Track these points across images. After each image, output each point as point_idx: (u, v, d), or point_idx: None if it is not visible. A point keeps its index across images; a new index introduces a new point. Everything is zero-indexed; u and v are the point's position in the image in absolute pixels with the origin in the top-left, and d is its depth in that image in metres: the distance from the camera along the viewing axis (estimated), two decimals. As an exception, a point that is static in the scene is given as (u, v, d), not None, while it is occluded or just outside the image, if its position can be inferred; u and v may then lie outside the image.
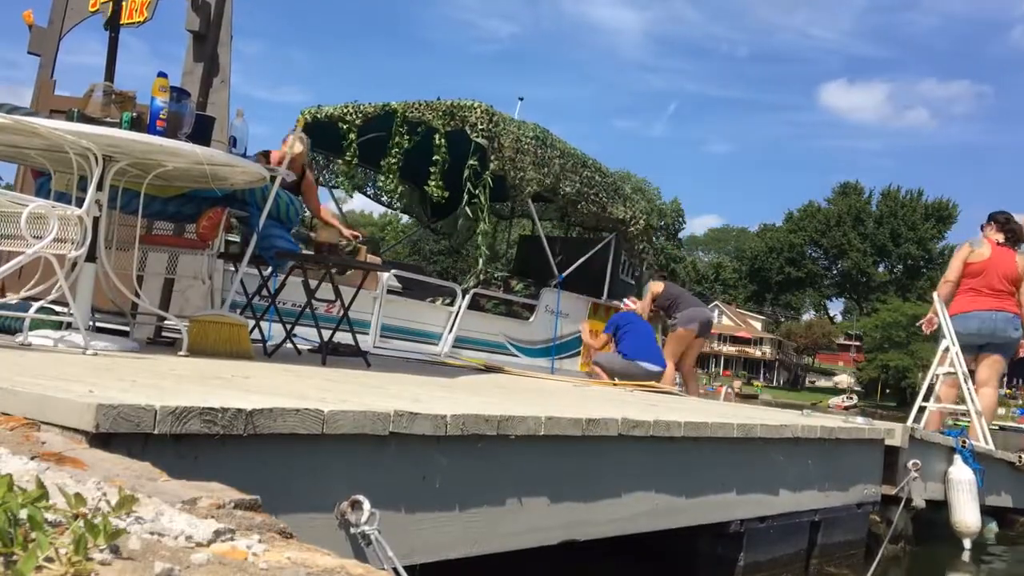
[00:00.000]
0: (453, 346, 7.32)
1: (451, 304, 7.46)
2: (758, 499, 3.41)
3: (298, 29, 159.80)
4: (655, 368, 7.33)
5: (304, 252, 4.54)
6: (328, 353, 4.11)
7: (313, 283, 4.36)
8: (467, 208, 7.15)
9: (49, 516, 0.87)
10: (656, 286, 8.23)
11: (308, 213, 5.96)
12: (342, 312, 4.37)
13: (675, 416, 2.99)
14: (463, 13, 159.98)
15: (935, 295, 6.62)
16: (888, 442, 4.35)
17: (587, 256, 8.73)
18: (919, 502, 4.53)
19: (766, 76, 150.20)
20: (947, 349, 6.30)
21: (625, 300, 8.22)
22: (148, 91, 3.32)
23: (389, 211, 10.45)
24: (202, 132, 3.45)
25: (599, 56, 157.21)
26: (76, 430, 1.48)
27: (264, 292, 4.53)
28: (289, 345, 4.59)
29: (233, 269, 4.23)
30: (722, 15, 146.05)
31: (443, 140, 7.18)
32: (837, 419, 4.58)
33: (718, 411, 4.10)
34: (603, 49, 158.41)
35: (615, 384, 6.72)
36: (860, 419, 4.51)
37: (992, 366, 6.44)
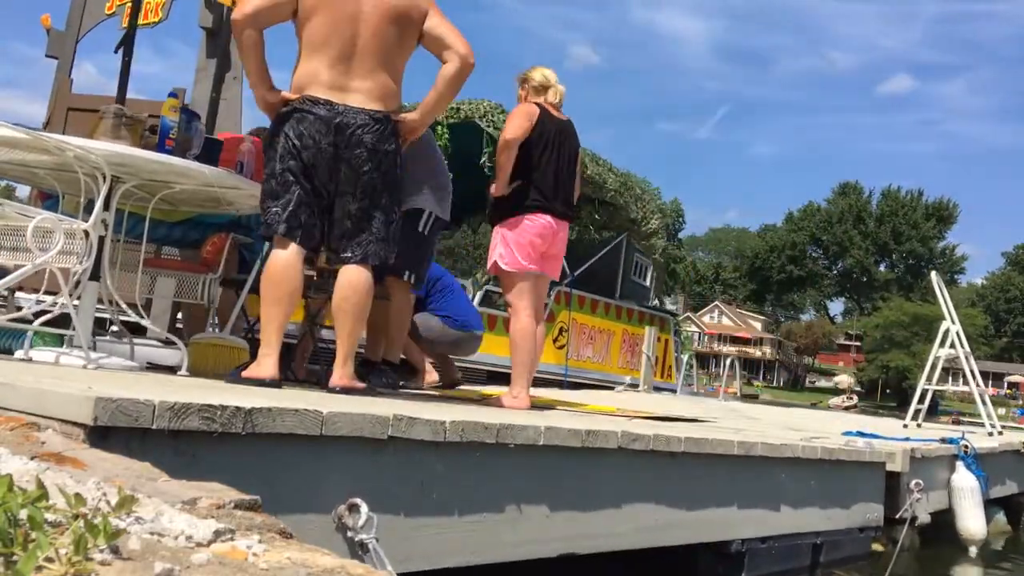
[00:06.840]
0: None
1: None
2: (760, 519, 3.38)
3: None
4: (480, 332, 5.42)
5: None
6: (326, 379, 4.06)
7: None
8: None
9: (49, 516, 0.86)
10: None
11: None
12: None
13: (676, 431, 2.97)
14: (532, 23, 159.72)
15: (933, 275, 7.00)
16: (889, 467, 4.30)
17: (599, 256, 8.68)
18: (924, 518, 4.49)
19: (824, 80, 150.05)
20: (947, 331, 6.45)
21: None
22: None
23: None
24: (210, 155, 3.42)
25: (660, 63, 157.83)
26: (74, 423, 1.47)
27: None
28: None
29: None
30: (788, 24, 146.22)
31: (445, 131, 7.19)
32: (838, 441, 4.54)
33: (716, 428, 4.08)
34: (665, 56, 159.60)
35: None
36: (861, 442, 4.47)
37: None
